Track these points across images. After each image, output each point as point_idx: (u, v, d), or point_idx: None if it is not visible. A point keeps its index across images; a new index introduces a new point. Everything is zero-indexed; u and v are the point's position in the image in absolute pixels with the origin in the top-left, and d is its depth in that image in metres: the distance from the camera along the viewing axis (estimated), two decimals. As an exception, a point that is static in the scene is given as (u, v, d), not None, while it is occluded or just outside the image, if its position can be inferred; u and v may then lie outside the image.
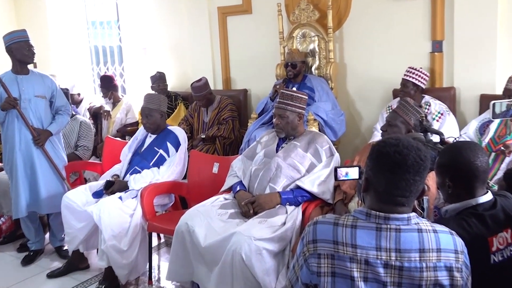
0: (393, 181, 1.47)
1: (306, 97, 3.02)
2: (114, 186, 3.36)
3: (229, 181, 3.06)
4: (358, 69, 4.35)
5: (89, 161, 4.44)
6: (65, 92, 4.03)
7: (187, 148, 3.69)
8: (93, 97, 5.99)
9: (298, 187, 2.80)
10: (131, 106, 5.32)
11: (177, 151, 3.50)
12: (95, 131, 4.88)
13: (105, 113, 5.10)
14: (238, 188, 2.93)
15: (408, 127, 2.68)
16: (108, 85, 5.26)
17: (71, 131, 4.34)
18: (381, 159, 1.49)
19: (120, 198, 3.22)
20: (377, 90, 4.26)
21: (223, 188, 3.07)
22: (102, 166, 4.17)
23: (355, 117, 4.45)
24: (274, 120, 3.00)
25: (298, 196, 2.77)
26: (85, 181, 4.47)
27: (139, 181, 3.36)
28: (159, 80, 5.08)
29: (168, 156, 3.51)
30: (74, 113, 4.48)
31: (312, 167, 2.88)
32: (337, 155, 2.94)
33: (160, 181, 3.41)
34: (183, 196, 3.67)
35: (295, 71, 4.19)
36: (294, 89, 3.17)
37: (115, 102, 5.31)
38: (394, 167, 1.46)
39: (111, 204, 3.14)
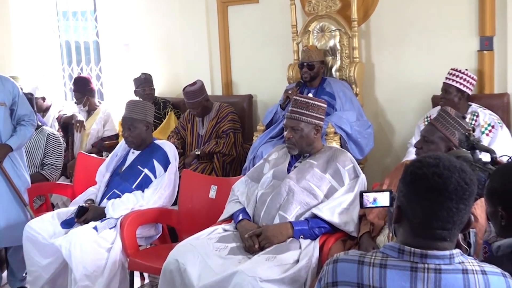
0: (432, 210, 1.47)
1: (325, 105, 3.04)
2: (88, 214, 3.38)
3: (229, 208, 3.07)
4: (389, 71, 4.37)
5: (58, 182, 4.46)
6: (30, 98, 4.07)
7: (178, 168, 3.71)
8: (63, 104, 6.03)
9: (315, 216, 2.80)
10: (110, 116, 5.35)
11: (165, 171, 3.52)
12: (65, 145, 4.91)
13: (78, 124, 5.14)
14: (240, 217, 2.94)
15: (449, 144, 2.68)
16: (83, 89, 5.31)
17: (36, 146, 4.37)
18: (416, 183, 1.49)
19: (95, 228, 3.23)
20: (412, 96, 4.27)
21: (222, 217, 3.08)
22: (73, 189, 4.20)
23: (386, 129, 4.46)
24: (285, 133, 3.02)
25: (315, 227, 2.77)
26: (53, 207, 4.48)
27: (119, 207, 3.38)
28: (144, 83, 5.13)
29: (155, 177, 3.52)
30: (39, 123, 4.52)
31: (332, 192, 2.88)
32: (363, 176, 2.95)
33: (145, 208, 3.42)
34: (172, 226, 3.68)
35: (312, 73, 4.22)
36: (310, 95, 3.18)
37: (91, 110, 5.35)
38: (432, 193, 1.47)
39: (84, 236, 3.14)
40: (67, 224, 3.38)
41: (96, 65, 6.38)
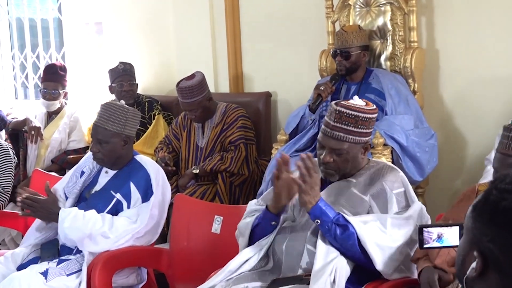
0: None
1: (376, 114, 3.02)
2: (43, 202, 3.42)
3: (248, 219, 3.08)
4: (459, 60, 4.36)
5: (5, 210, 4.49)
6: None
7: (171, 191, 3.72)
8: (12, 104, 6.07)
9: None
10: (78, 121, 5.40)
11: (144, 200, 3.49)
12: (16, 161, 4.94)
13: (33, 132, 5.17)
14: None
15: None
16: (62, 79, 5.35)
17: (-23, 161, 4.41)
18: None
19: (45, 273, 3.25)
20: (493, 95, 4.26)
21: (241, 243, 3.07)
22: (26, 219, 4.22)
23: (455, 141, 4.45)
24: (320, 154, 2.98)
25: (341, 224, 2.77)
26: (-3, 245, 4.53)
27: (76, 226, 3.36)
28: (122, 76, 5.16)
29: (128, 206, 3.50)
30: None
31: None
32: (418, 205, 2.94)
33: (113, 241, 3.40)
34: (161, 271, 3.70)
35: (348, 64, 4.23)
36: (356, 97, 3.06)
37: (53, 113, 5.40)
38: None
39: (25, 282, 3.16)
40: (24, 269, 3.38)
41: (58, 51, 6.44)
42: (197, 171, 4.51)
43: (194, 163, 4.64)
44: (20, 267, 3.42)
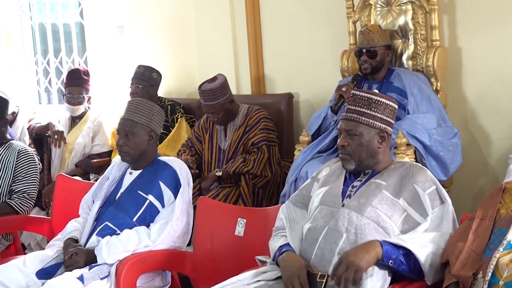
0: None
1: (396, 106, 3.06)
2: (79, 258, 3.40)
3: (273, 245, 3.07)
4: (483, 58, 4.32)
5: (30, 215, 4.52)
6: (2, 100, 4.14)
7: (193, 194, 3.73)
8: (35, 110, 6.10)
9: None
10: (102, 125, 5.42)
11: (176, 197, 3.56)
12: (40, 166, 4.97)
13: (57, 136, 5.21)
14: (284, 250, 2.96)
15: None
16: (86, 84, 5.38)
17: (3, 167, 4.42)
18: None
19: (81, 278, 3.26)
20: (515, 93, 4.24)
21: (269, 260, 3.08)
22: (51, 224, 4.24)
23: (479, 139, 4.42)
24: (338, 140, 3.04)
25: (404, 258, 2.76)
26: (23, 250, 4.54)
27: (116, 248, 3.40)
28: (132, 79, 5.13)
29: (163, 206, 3.56)
30: (9, 136, 4.59)
31: (411, 225, 2.88)
32: (450, 204, 2.93)
33: (152, 250, 3.45)
34: (185, 275, 3.71)
35: (374, 63, 4.21)
36: (376, 91, 3.19)
37: (76, 118, 5.43)
38: None
39: None
40: (45, 274, 3.42)
41: (81, 55, 6.49)
42: (220, 173, 4.51)
43: (217, 165, 4.65)
44: (40, 271, 3.43)
